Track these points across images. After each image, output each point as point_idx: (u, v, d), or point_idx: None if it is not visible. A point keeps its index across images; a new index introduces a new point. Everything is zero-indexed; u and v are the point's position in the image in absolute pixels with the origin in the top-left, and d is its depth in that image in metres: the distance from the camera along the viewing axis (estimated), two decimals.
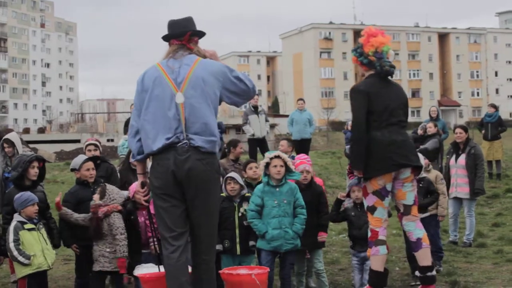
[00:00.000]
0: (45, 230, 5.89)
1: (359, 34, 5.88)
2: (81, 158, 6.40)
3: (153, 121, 4.47)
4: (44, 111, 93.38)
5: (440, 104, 77.32)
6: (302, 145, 13.67)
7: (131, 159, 5.94)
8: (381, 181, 5.27)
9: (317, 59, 78.72)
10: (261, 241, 5.93)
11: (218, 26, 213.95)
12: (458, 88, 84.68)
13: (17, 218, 5.71)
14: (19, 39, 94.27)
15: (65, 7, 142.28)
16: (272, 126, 41.16)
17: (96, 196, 5.90)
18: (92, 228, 5.83)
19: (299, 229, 5.95)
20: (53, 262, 5.89)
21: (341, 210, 6.43)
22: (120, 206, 5.92)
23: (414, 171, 5.43)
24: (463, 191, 9.16)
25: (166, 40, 4.66)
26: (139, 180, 4.79)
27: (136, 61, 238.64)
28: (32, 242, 5.67)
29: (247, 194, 6.16)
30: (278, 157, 5.98)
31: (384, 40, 5.44)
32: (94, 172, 6.29)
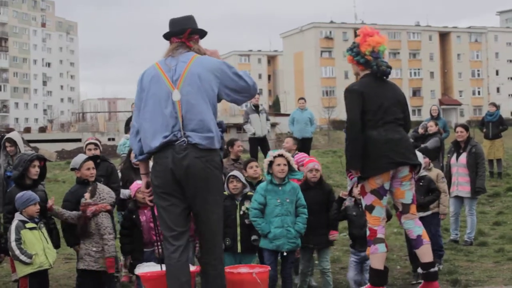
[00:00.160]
0: (46, 230, 5.89)
1: None
2: (81, 157, 6.39)
3: (151, 120, 4.44)
4: (45, 110, 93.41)
5: (441, 103, 77.25)
6: (303, 144, 13.64)
7: (133, 159, 5.90)
8: (379, 180, 5.26)
9: (318, 58, 78.68)
10: (264, 241, 5.93)
11: (218, 25, 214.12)
12: (459, 87, 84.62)
13: (18, 217, 5.71)
14: (20, 39, 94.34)
15: (65, 6, 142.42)
16: (273, 125, 41.13)
17: (87, 194, 5.88)
18: (79, 226, 5.82)
19: (302, 228, 5.96)
20: (54, 261, 5.89)
21: (341, 209, 6.44)
22: (110, 205, 5.89)
23: (412, 170, 5.42)
24: (464, 189, 9.16)
25: (166, 38, 4.63)
26: (143, 180, 4.71)
27: (136, 60, 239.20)
28: (34, 241, 5.67)
29: (249, 193, 6.16)
30: (281, 155, 5.99)
31: (381, 40, 5.43)
32: (95, 171, 6.28)
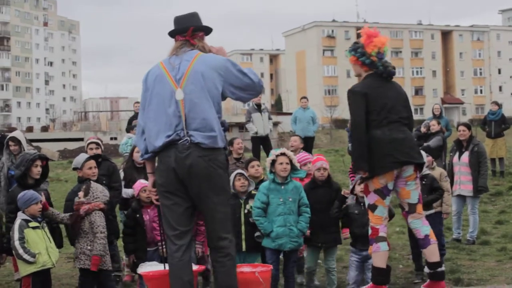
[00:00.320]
0: (48, 229, 5.89)
1: None
2: (82, 156, 6.38)
3: (155, 119, 4.43)
4: (47, 109, 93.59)
5: (443, 101, 77.13)
6: (305, 143, 13.62)
7: (139, 158, 5.88)
8: (383, 179, 5.26)
9: (320, 57, 78.64)
10: (266, 240, 5.93)
11: (220, 24, 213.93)
12: (461, 85, 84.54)
13: (21, 216, 5.71)
14: (22, 38, 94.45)
15: (67, 5, 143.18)
16: (275, 124, 41.09)
17: (80, 193, 5.88)
18: (72, 225, 5.82)
19: (304, 227, 5.96)
20: (57, 260, 5.89)
21: (343, 207, 6.44)
22: (103, 204, 5.89)
23: (416, 169, 5.42)
24: (467, 188, 9.15)
25: (171, 36, 4.61)
26: (150, 179, 4.68)
27: (139, 59, 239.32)
28: (37, 240, 5.67)
29: (253, 192, 6.15)
30: (283, 154, 5.97)
31: (385, 41, 5.45)
32: (97, 170, 6.26)
